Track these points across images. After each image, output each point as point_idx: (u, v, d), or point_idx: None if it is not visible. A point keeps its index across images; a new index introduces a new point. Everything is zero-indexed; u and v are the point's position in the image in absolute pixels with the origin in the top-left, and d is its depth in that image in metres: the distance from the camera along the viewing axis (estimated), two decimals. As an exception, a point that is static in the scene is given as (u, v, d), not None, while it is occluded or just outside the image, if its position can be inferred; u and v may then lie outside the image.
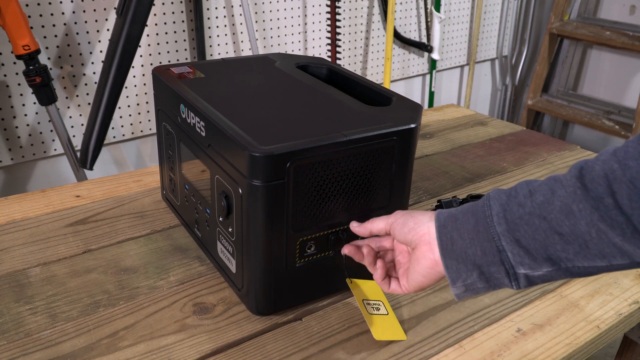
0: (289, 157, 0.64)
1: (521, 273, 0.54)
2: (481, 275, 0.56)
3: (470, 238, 0.56)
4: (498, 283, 0.56)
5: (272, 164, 0.63)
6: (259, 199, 0.65)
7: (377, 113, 0.75)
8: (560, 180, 0.52)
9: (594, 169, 0.49)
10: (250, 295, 0.72)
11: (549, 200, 0.51)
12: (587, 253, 0.51)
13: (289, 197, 0.66)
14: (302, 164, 0.65)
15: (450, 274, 0.58)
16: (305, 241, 0.70)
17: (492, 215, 0.55)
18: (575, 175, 0.50)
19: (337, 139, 0.66)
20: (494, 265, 0.55)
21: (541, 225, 0.52)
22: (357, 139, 0.68)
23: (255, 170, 0.63)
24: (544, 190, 0.52)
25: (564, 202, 0.50)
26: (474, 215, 0.56)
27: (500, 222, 0.54)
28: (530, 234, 0.52)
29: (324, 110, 0.75)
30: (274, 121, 0.72)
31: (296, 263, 0.71)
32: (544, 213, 0.51)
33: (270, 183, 0.64)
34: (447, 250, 0.58)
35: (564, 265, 0.52)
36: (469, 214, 0.57)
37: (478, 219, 0.56)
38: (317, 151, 0.65)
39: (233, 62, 0.94)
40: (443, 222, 0.59)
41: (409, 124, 0.71)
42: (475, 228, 0.56)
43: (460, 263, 0.57)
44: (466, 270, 0.57)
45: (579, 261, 0.51)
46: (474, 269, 0.56)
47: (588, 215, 0.49)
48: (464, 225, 0.57)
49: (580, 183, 0.50)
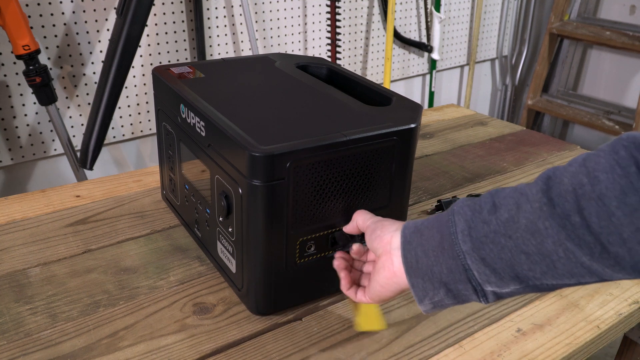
0: (289, 157, 0.64)
1: (489, 290, 0.53)
2: (448, 292, 0.54)
3: (435, 256, 0.54)
4: (466, 299, 0.55)
5: (272, 164, 0.63)
6: (259, 198, 0.65)
7: (377, 113, 0.75)
8: (526, 194, 0.49)
9: (562, 181, 0.47)
10: (250, 295, 0.72)
11: (513, 218, 0.49)
12: (554, 273, 0.48)
13: (289, 197, 0.66)
14: (302, 163, 0.65)
15: (417, 292, 0.56)
16: (305, 241, 0.70)
17: (456, 232, 0.52)
18: (541, 189, 0.48)
19: (337, 139, 0.66)
20: (460, 283, 0.53)
21: (507, 244, 0.49)
22: (357, 139, 0.68)
23: (255, 170, 0.63)
24: (509, 205, 0.50)
25: (530, 219, 0.48)
26: (439, 231, 0.54)
27: (465, 240, 0.52)
28: (495, 253, 0.50)
29: (324, 110, 0.75)
30: (274, 121, 0.72)
31: (296, 263, 0.71)
32: (509, 232, 0.49)
33: (270, 183, 0.64)
34: (412, 268, 0.56)
35: (532, 282, 0.50)
36: (434, 229, 0.55)
37: (443, 235, 0.54)
38: (317, 151, 0.65)
39: (233, 62, 0.94)
40: (409, 238, 0.57)
41: (409, 124, 0.71)
42: (440, 245, 0.54)
43: (427, 281, 0.55)
44: (433, 289, 0.55)
45: (547, 280, 0.49)
46: (440, 287, 0.55)
47: (555, 234, 0.46)
48: (428, 241, 0.55)
49: (546, 198, 0.47)
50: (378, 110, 0.76)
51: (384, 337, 0.71)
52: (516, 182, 1.09)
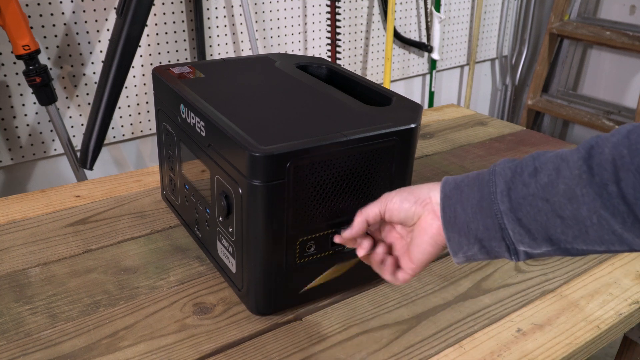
0: (289, 157, 0.64)
1: (521, 250, 0.55)
2: (482, 248, 0.57)
3: (474, 213, 0.56)
4: (498, 255, 0.57)
5: (272, 164, 0.63)
6: (259, 199, 0.65)
7: (377, 113, 0.75)
8: (567, 160, 0.51)
9: (603, 151, 0.49)
10: (250, 295, 0.72)
11: (553, 182, 0.51)
12: (586, 238, 0.51)
13: (289, 197, 0.66)
14: (302, 163, 0.65)
15: (452, 245, 0.59)
16: (305, 241, 0.70)
17: (496, 192, 0.55)
18: (582, 157, 0.50)
19: (337, 139, 0.66)
20: (495, 240, 0.56)
21: (543, 208, 0.52)
22: (357, 139, 0.68)
23: (255, 170, 0.63)
24: (549, 170, 0.52)
25: (568, 185, 0.50)
26: (479, 190, 0.56)
27: (503, 200, 0.54)
28: (532, 215, 0.53)
29: (324, 110, 0.75)
30: (274, 121, 0.72)
31: (296, 263, 0.71)
32: (547, 195, 0.51)
33: (270, 183, 0.64)
34: (449, 222, 0.58)
35: (563, 245, 0.53)
36: (475, 187, 0.57)
37: (482, 194, 0.56)
38: (317, 151, 0.65)
39: (233, 62, 0.94)
40: (448, 194, 0.59)
41: (409, 124, 0.71)
42: (479, 203, 0.56)
43: (462, 236, 0.57)
44: (467, 243, 0.57)
45: (578, 244, 0.52)
46: (475, 243, 0.57)
47: (591, 202, 0.49)
48: (468, 198, 0.57)
49: (586, 166, 0.49)
50: (378, 110, 0.76)
51: (384, 337, 0.71)
52: (516, 182, 1.09)
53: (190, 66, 0.90)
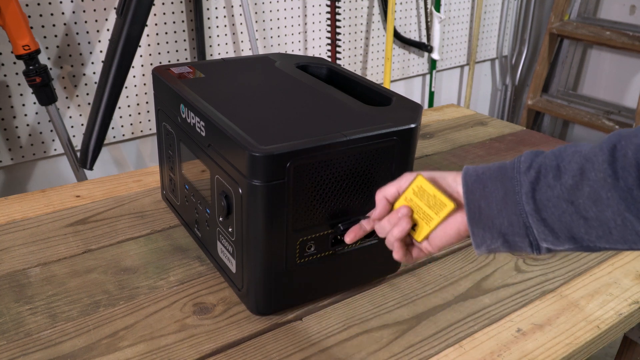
0: (289, 157, 0.64)
1: (544, 246, 0.57)
2: (505, 242, 0.58)
3: (498, 209, 0.57)
4: (520, 249, 0.58)
5: (272, 164, 0.63)
6: (259, 198, 0.65)
7: (377, 113, 0.75)
8: (592, 161, 0.52)
9: (627, 154, 0.49)
10: (250, 295, 0.72)
11: (577, 185, 0.52)
12: (609, 238, 0.52)
13: (289, 197, 0.66)
14: (302, 164, 0.65)
15: (476, 240, 0.59)
16: (305, 241, 0.70)
17: (521, 192, 0.55)
18: (607, 160, 0.50)
19: (337, 139, 0.66)
20: (518, 236, 0.57)
21: (568, 209, 0.53)
22: (357, 138, 0.68)
23: (255, 170, 0.63)
24: (573, 171, 0.53)
25: (593, 188, 0.51)
26: (503, 186, 0.57)
27: (528, 202, 0.55)
28: (556, 216, 0.54)
29: (324, 110, 0.75)
30: (274, 121, 0.72)
31: (296, 263, 0.71)
32: (572, 198, 0.52)
33: (270, 183, 0.64)
34: (474, 218, 0.59)
35: (586, 244, 0.54)
36: (498, 183, 0.58)
37: (507, 192, 0.56)
38: (317, 151, 0.65)
39: (233, 62, 0.94)
40: (471, 187, 0.59)
41: (409, 124, 0.71)
42: (503, 200, 0.57)
43: (487, 231, 0.58)
44: (491, 238, 0.58)
45: (601, 243, 0.53)
46: (499, 237, 0.58)
47: (615, 205, 0.50)
48: (492, 194, 0.58)
49: (611, 169, 0.49)
50: (378, 110, 0.76)
51: (384, 337, 0.71)
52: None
53: (190, 66, 0.90)
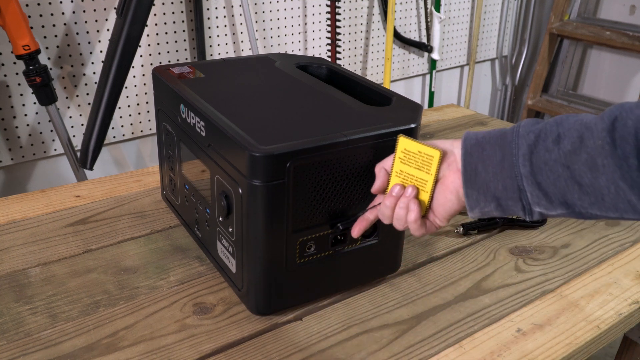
0: (289, 157, 0.64)
1: (536, 210, 0.58)
2: (498, 206, 0.59)
3: (494, 172, 0.58)
4: (513, 213, 0.60)
5: (272, 164, 0.63)
6: (259, 198, 0.65)
7: (377, 113, 0.75)
8: (591, 129, 0.52)
9: (627, 124, 0.50)
10: (250, 295, 0.72)
11: (575, 150, 0.53)
12: (601, 205, 0.53)
13: (289, 197, 0.66)
14: (302, 164, 0.65)
15: (470, 202, 0.61)
16: (305, 241, 0.70)
17: (518, 155, 0.56)
18: (607, 128, 0.51)
19: (337, 139, 0.66)
20: (512, 200, 0.58)
21: (563, 174, 0.54)
22: (357, 138, 0.68)
23: (255, 170, 0.63)
24: (573, 137, 0.53)
25: (590, 154, 0.52)
26: (501, 150, 0.58)
27: (525, 164, 0.56)
28: (552, 179, 0.54)
29: (324, 110, 0.75)
30: (274, 121, 0.72)
31: (296, 263, 0.71)
32: (569, 162, 0.53)
33: (270, 183, 0.64)
34: (469, 180, 0.60)
35: (578, 210, 0.55)
36: (496, 146, 0.58)
37: (504, 155, 0.57)
38: (317, 151, 0.65)
39: (233, 62, 0.94)
40: (469, 150, 0.60)
41: (409, 123, 0.71)
42: (500, 163, 0.57)
43: (481, 194, 0.59)
44: (485, 200, 0.59)
45: (593, 210, 0.54)
46: (492, 201, 0.59)
47: (610, 172, 0.50)
48: (489, 157, 0.58)
49: (610, 138, 0.50)
50: (378, 110, 0.76)
51: (384, 337, 0.71)
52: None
53: (190, 66, 0.90)
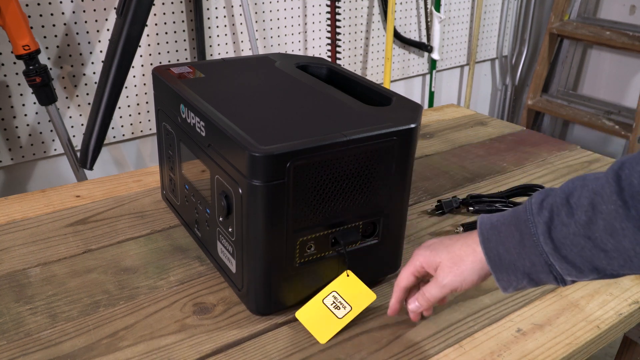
0: (288, 157, 0.64)
1: (569, 279, 0.58)
2: (531, 281, 0.59)
3: (518, 252, 0.58)
4: (546, 283, 0.60)
5: (272, 164, 0.63)
6: (259, 199, 0.65)
7: (377, 113, 0.75)
8: (601, 195, 0.52)
9: (632, 183, 0.50)
10: (250, 295, 0.72)
11: (591, 219, 0.52)
12: (631, 265, 0.53)
13: (289, 197, 0.66)
14: (302, 164, 0.65)
15: (502, 284, 0.61)
16: (306, 241, 0.70)
17: (537, 234, 0.57)
18: (615, 191, 0.50)
19: (337, 139, 0.66)
20: (543, 273, 0.58)
21: (586, 245, 0.53)
22: (357, 139, 0.68)
23: (255, 170, 0.63)
24: (584, 207, 0.53)
25: (607, 220, 0.52)
26: (518, 230, 0.58)
27: (546, 242, 0.56)
28: (576, 252, 0.54)
29: (324, 110, 0.75)
30: (273, 121, 0.72)
31: (296, 263, 0.71)
32: (589, 233, 0.53)
33: (270, 183, 0.64)
34: (496, 265, 0.60)
35: (609, 272, 0.55)
36: (512, 226, 0.59)
37: (523, 235, 0.58)
38: (317, 151, 0.65)
39: (233, 62, 0.94)
40: (486, 235, 0.61)
41: (409, 124, 0.71)
42: (520, 242, 0.58)
43: (511, 274, 0.60)
44: (516, 279, 0.60)
45: (624, 271, 0.54)
46: (524, 277, 0.59)
47: (631, 235, 0.50)
48: (508, 239, 0.59)
49: (621, 201, 0.50)
50: (378, 110, 0.76)
51: (384, 337, 0.71)
52: (516, 182, 1.09)
53: (190, 66, 0.90)
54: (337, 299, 0.73)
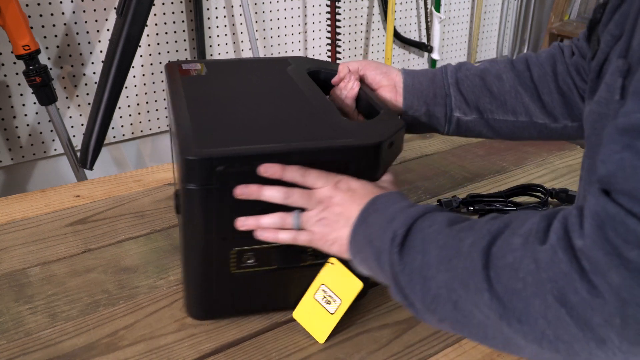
0: (220, 162, 0.61)
1: (455, 116, 0.77)
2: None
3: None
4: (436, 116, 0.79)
5: (204, 169, 0.61)
6: (193, 202, 0.63)
7: (347, 126, 0.70)
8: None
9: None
10: (186, 297, 0.71)
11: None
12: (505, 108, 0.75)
13: (222, 204, 0.63)
14: (234, 171, 0.61)
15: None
16: (243, 251, 0.67)
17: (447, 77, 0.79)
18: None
19: (275, 150, 0.63)
20: (439, 106, 0.78)
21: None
22: (297, 150, 0.63)
23: (189, 174, 0.61)
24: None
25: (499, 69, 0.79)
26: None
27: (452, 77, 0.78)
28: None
29: (295, 119, 0.72)
30: (235, 125, 0.69)
31: (232, 273, 0.68)
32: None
33: (203, 187, 0.62)
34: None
35: (486, 116, 0.77)
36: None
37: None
38: (252, 160, 0.62)
39: (246, 63, 0.92)
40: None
41: (369, 140, 0.65)
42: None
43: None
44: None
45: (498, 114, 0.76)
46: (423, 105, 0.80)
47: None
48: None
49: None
50: (351, 124, 0.71)
51: (384, 337, 0.71)
52: (516, 182, 1.09)
53: (201, 64, 0.88)
54: (326, 292, 0.71)
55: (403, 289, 0.53)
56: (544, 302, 0.43)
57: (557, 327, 0.42)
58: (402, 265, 0.53)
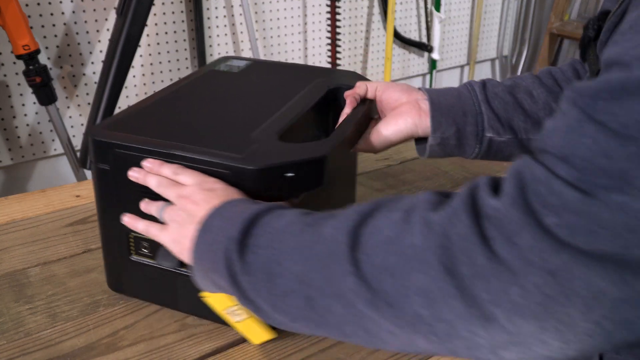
0: (112, 146, 0.64)
1: (487, 136, 0.69)
2: (457, 131, 0.70)
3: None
4: (467, 144, 0.71)
5: (99, 149, 0.65)
6: (95, 180, 0.68)
7: (258, 146, 0.64)
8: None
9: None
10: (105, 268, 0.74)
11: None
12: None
13: (116, 187, 0.66)
14: (125, 157, 0.64)
15: (434, 123, 0.70)
16: (139, 238, 0.68)
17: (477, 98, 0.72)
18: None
19: (161, 147, 0.63)
20: (470, 125, 0.70)
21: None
22: (179, 155, 0.62)
23: (93, 151, 0.66)
24: None
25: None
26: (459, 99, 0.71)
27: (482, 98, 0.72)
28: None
29: (228, 128, 0.70)
30: (165, 121, 0.72)
31: (130, 257, 0.70)
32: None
33: (100, 167, 0.66)
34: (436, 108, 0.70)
35: (520, 136, 0.70)
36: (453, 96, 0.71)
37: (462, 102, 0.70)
38: (143, 153, 0.63)
39: (286, 68, 0.93)
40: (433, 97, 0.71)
41: (243, 164, 0.60)
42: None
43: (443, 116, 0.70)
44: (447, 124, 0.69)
45: (533, 134, 0.72)
46: (453, 125, 0.70)
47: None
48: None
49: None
50: (270, 144, 0.65)
51: (384, 336, 0.71)
52: (516, 181, 1.09)
53: (247, 60, 0.92)
54: (233, 311, 0.65)
55: (245, 292, 0.48)
56: (426, 275, 0.38)
57: (438, 303, 0.38)
58: (241, 264, 0.48)
